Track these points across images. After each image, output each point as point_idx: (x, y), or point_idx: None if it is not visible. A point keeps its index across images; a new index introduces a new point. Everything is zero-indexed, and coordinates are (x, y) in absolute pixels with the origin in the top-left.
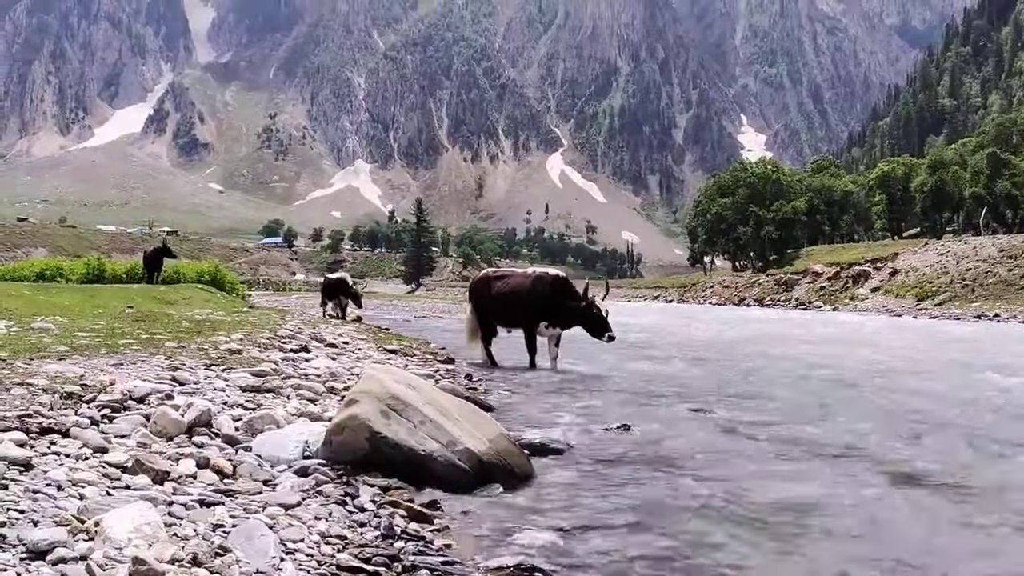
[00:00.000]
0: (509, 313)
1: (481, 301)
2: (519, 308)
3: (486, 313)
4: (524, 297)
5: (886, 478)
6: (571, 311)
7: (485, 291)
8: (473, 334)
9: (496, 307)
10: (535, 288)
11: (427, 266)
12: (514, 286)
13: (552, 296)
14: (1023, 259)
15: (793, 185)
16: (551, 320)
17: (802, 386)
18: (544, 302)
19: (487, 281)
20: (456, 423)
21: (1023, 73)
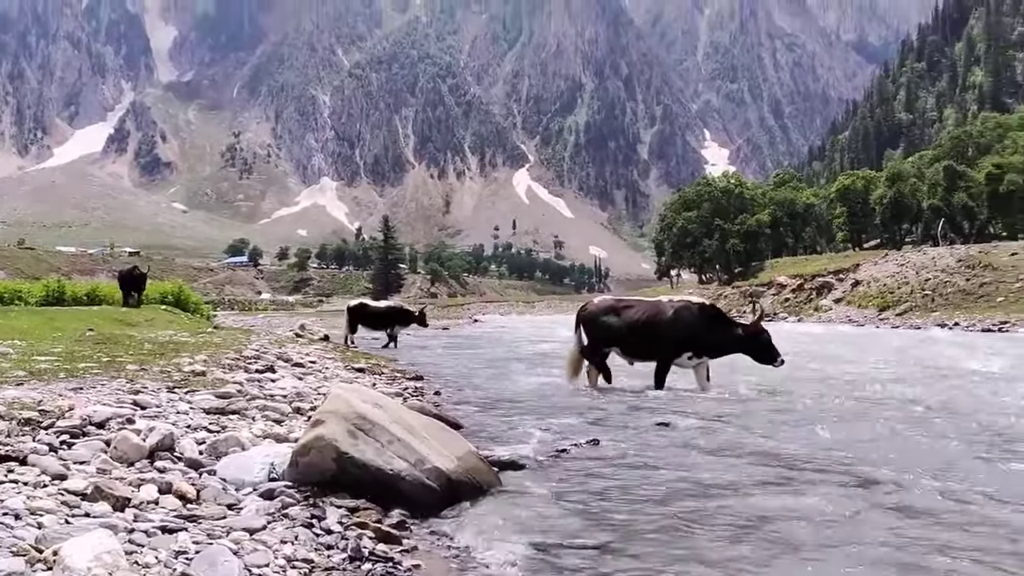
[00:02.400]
0: (643, 345)
1: (600, 331)
2: (658, 339)
3: (606, 344)
4: (667, 327)
5: (854, 488)
6: (727, 340)
7: (608, 320)
8: (577, 368)
9: (629, 339)
10: (680, 317)
11: (395, 283)
12: (653, 315)
13: (703, 325)
14: (980, 269)
15: (756, 199)
16: (698, 351)
17: (776, 400)
18: (691, 332)
19: (612, 310)
20: (424, 441)
21: (976, 87)
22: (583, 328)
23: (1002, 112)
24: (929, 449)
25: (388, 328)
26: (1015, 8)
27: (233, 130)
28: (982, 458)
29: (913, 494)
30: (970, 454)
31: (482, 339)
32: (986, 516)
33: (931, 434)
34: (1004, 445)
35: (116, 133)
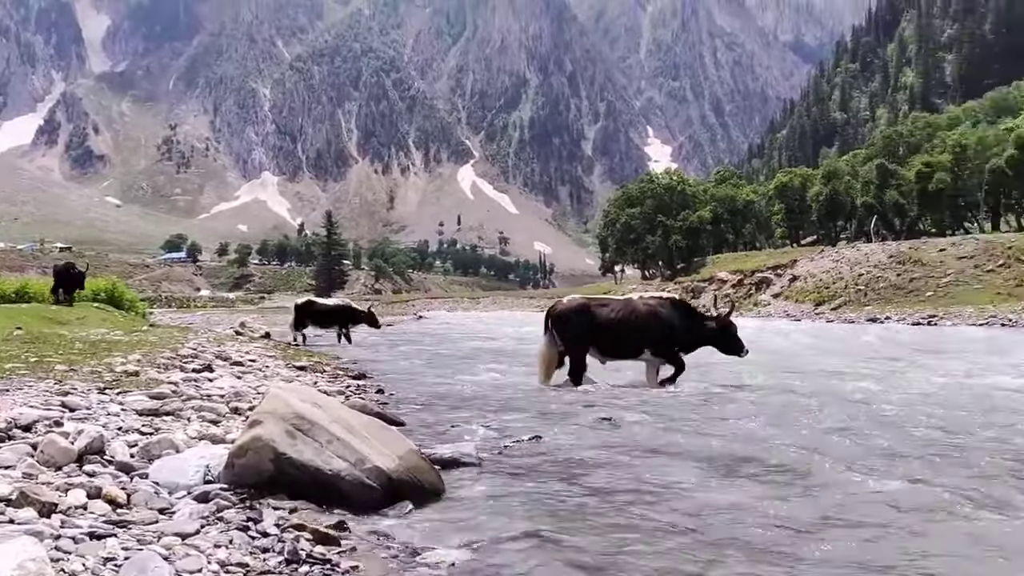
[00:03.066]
0: (622, 343)
1: (574, 331)
2: (637, 337)
3: (582, 344)
4: (645, 325)
5: (783, 480)
6: (699, 334)
7: (583, 320)
8: (550, 369)
9: (604, 337)
10: (658, 315)
11: (339, 280)
12: (628, 313)
13: (677, 321)
14: (910, 264)
15: (698, 195)
16: (672, 346)
17: (721, 395)
18: (667, 328)
19: (585, 308)
20: (364, 441)
21: (907, 87)
22: (554, 327)
23: (932, 112)
24: (863, 443)
25: (336, 326)
26: (944, 11)
27: (169, 122)
28: (917, 449)
29: (843, 486)
30: (900, 444)
31: (427, 336)
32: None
33: (866, 427)
34: (936, 437)
35: (46, 125)
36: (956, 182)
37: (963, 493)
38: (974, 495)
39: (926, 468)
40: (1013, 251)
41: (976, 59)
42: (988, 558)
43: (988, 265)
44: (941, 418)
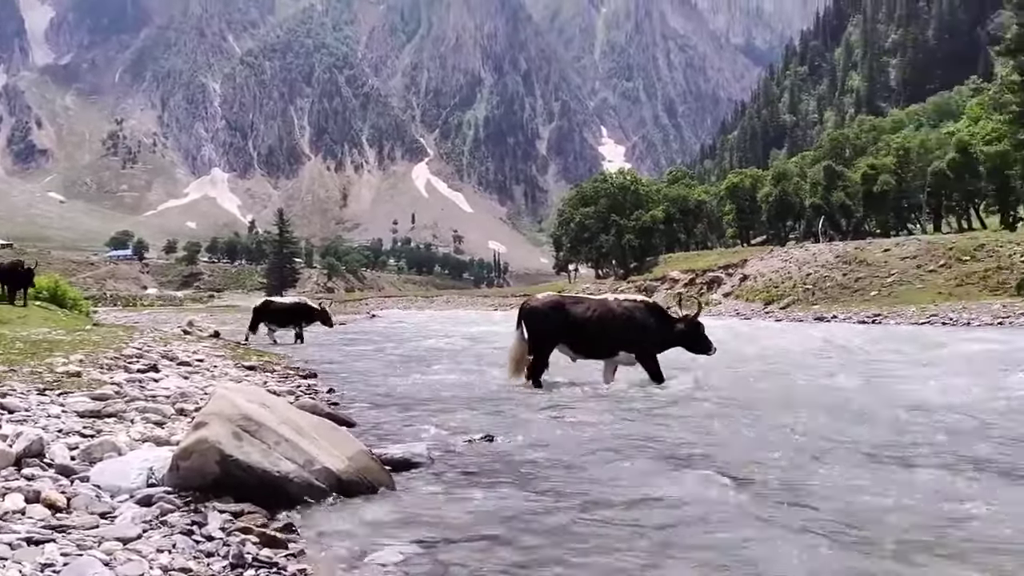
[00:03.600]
0: (597, 342)
1: (546, 327)
2: (613, 337)
3: (552, 342)
4: (621, 326)
5: (730, 480)
6: (670, 335)
7: (556, 317)
8: (520, 366)
9: (578, 335)
10: (634, 317)
11: (290, 278)
12: (605, 313)
13: (650, 322)
14: (856, 264)
15: (651, 195)
16: (644, 346)
17: (674, 393)
18: (642, 329)
19: (560, 306)
20: (313, 442)
21: (854, 91)
22: (526, 324)
23: (877, 115)
24: (809, 444)
25: (293, 325)
26: (889, 17)
27: (115, 117)
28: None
29: (790, 486)
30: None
31: (380, 335)
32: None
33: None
34: (862, 434)
35: None
36: (900, 184)
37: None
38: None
39: (860, 465)
40: (954, 252)
41: (919, 64)
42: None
43: (930, 265)
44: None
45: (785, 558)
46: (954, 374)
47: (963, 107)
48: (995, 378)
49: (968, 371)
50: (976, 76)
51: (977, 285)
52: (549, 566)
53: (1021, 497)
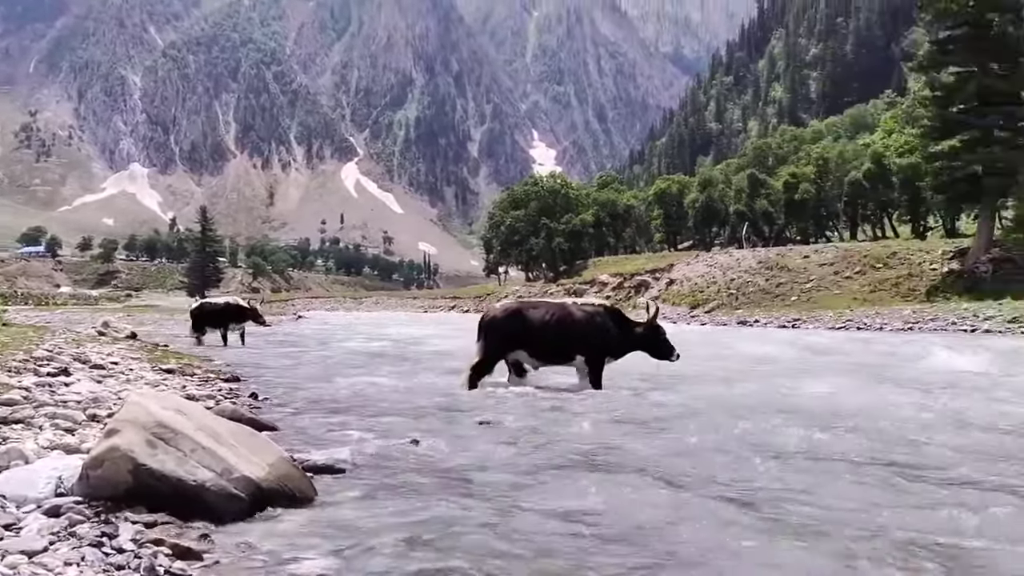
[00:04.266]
0: (557, 347)
1: (508, 334)
2: (572, 342)
3: (509, 348)
4: (580, 329)
5: (654, 484)
6: (631, 341)
7: (515, 323)
8: (480, 378)
9: (537, 340)
10: (594, 321)
11: (213, 277)
12: (564, 318)
13: (611, 328)
14: (777, 270)
15: (581, 199)
16: (606, 352)
17: (606, 396)
18: (603, 334)
19: (520, 313)
20: (232, 449)
21: (777, 102)
22: (487, 332)
23: (798, 126)
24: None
25: (226, 326)
26: (810, 31)
27: (29, 108)
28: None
29: (703, 485)
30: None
31: (306, 337)
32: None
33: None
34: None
35: None
36: (819, 193)
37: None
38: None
39: (775, 471)
40: (868, 259)
41: (838, 77)
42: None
43: (846, 272)
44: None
45: (715, 557)
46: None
47: (878, 120)
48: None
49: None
50: (891, 90)
51: (890, 291)
52: (473, 573)
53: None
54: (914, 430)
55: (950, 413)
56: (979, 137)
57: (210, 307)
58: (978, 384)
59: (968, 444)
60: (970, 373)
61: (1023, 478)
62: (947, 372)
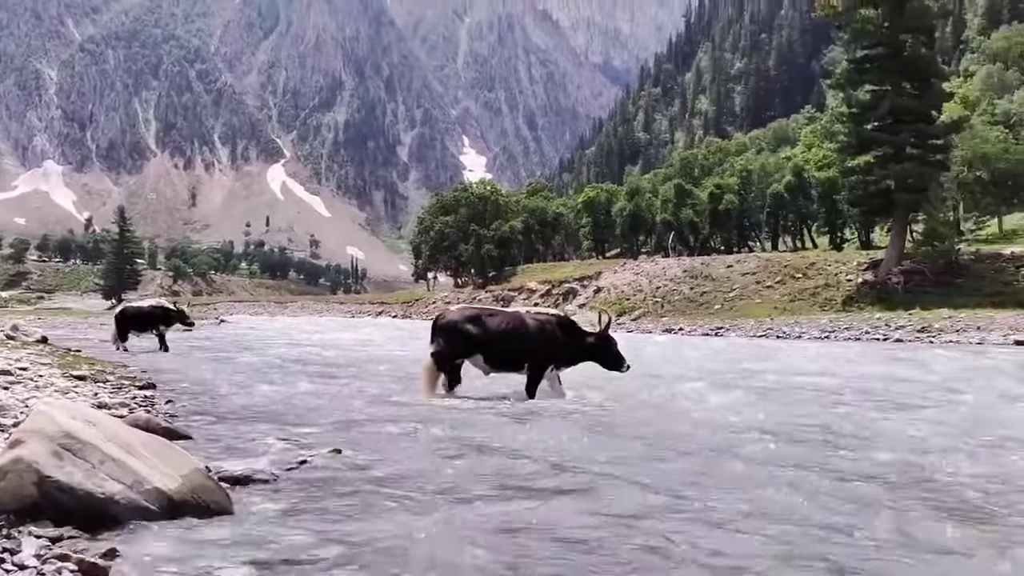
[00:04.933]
0: (510, 355)
1: (461, 339)
2: (525, 349)
3: (467, 353)
4: (532, 338)
5: (573, 495)
6: (582, 350)
7: (470, 329)
8: (435, 380)
9: (492, 347)
10: (545, 330)
11: (131, 280)
12: (518, 326)
13: (562, 336)
14: (702, 279)
15: (511, 206)
16: (557, 361)
17: (536, 404)
18: (553, 343)
19: (475, 319)
20: (144, 460)
21: (702, 114)
22: (441, 337)
23: (723, 138)
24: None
25: (152, 329)
26: (735, 46)
27: None
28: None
29: (624, 498)
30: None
31: (228, 342)
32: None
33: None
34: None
35: None
36: (743, 204)
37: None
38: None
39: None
40: (788, 269)
41: (761, 92)
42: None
43: (768, 281)
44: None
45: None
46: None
47: (799, 134)
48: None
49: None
50: (811, 106)
51: (808, 301)
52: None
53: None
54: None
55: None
56: (892, 153)
57: (134, 311)
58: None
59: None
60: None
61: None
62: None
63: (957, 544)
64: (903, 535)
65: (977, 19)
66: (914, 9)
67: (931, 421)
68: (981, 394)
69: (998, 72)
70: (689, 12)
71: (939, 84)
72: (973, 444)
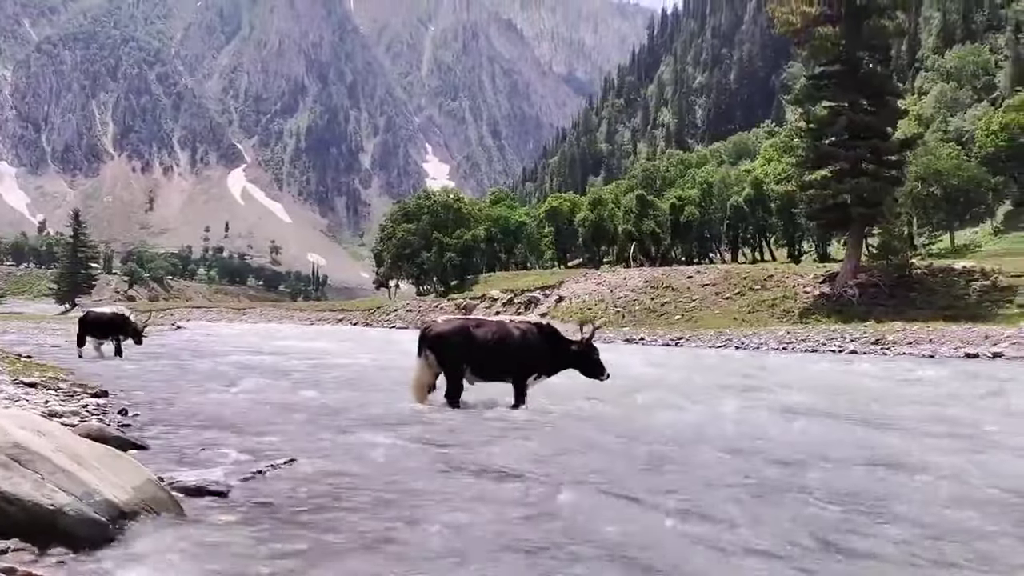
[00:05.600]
0: (496, 364)
1: (450, 351)
2: (510, 359)
3: (459, 364)
4: (517, 347)
5: (524, 501)
6: (565, 358)
7: (461, 340)
8: (423, 391)
9: (479, 357)
10: (528, 339)
11: (85, 284)
12: (503, 336)
13: (546, 345)
14: (662, 289)
15: (474, 214)
16: (541, 370)
17: (495, 412)
18: (537, 352)
19: (463, 330)
20: (94, 471)
21: (664, 126)
22: (430, 349)
23: (684, 150)
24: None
25: (113, 337)
26: (697, 60)
27: None
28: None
29: (579, 507)
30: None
31: (184, 349)
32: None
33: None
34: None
35: None
36: (703, 215)
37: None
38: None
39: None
40: (747, 281)
41: (722, 105)
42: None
43: (727, 292)
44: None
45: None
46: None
47: (759, 147)
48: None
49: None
50: (770, 120)
51: (766, 312)
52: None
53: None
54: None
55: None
56: (848, 168)
57: (94, 316)
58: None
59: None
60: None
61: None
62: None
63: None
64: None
65: (932, 38)
66: (871, 28)
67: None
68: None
69: (951, 90)
70: (652, 25)
71: (894, 101)
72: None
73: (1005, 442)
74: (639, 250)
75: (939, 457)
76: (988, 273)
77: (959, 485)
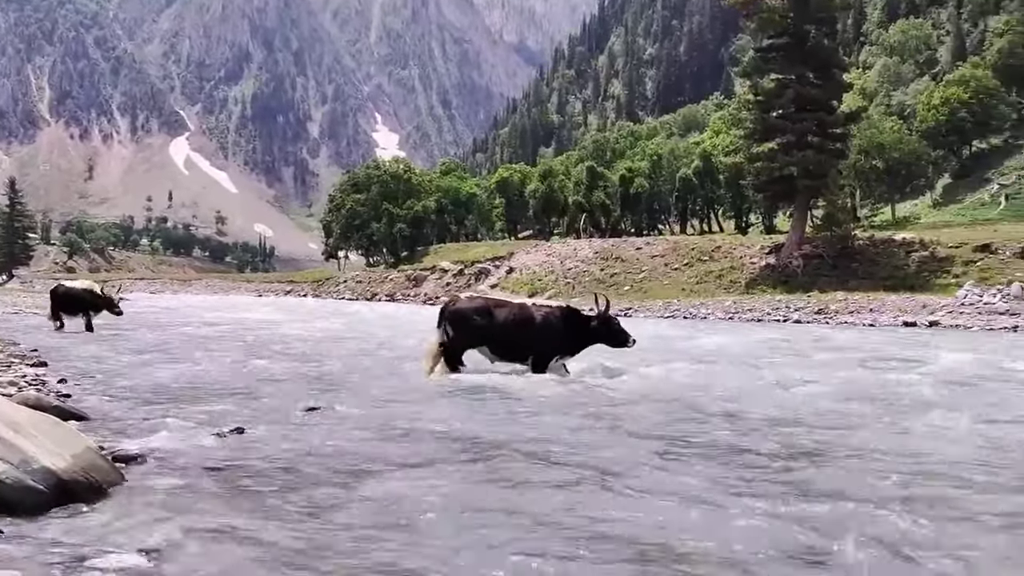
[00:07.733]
0: (516, 346)
1: (470, 329)
2: (529, 341)
3: (474, 342)
4: (538, 330)
5: (471, 472)
6: (587, 335)
7: (479, 320)
8: (436, 361)
9: (499, 338)
10: (550, 322)
11: (23, 255)
12: (524, 318)
13: (567, 327)
14: (612, 261)
15: (424, 185)
16: (563, 351)
17: (446, 388)
18: (559, 334)
19: (484, 310)
20: (32, 439)
21: (615, 97)
22: (450, 324)
23: (635, 122)
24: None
25: (83, 312)
26: (647, 31)
27: None
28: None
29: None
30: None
31: (127, 320)
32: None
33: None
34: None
35: None
36: (653, 187)
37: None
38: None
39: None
40: (695, 252)
41: (672, 77)
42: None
43: (676, 264)
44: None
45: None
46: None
47: (708, 120)
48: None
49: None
50: (719, 92)
51: (714, 283)
52: (295, 565)
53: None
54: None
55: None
56: (794, 141)
57: (64, 290)
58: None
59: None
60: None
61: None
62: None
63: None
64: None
65: (876, 12)
66: (817, 1)
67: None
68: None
69: (894, 64)
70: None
71: (840, 75)
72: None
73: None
74: (589, 221)
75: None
76: (927, 244)
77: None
